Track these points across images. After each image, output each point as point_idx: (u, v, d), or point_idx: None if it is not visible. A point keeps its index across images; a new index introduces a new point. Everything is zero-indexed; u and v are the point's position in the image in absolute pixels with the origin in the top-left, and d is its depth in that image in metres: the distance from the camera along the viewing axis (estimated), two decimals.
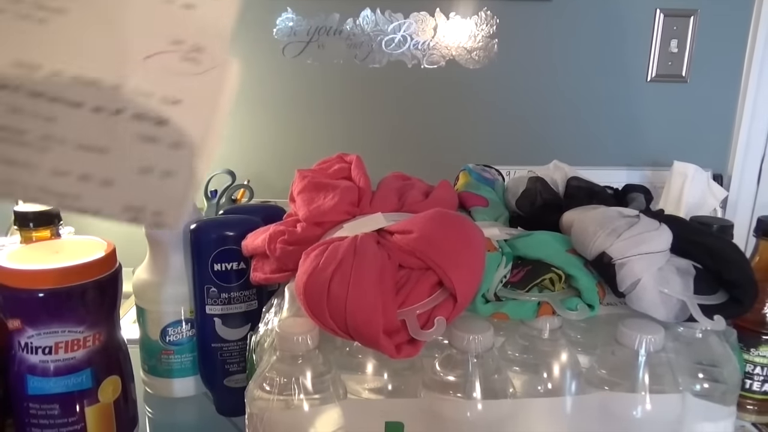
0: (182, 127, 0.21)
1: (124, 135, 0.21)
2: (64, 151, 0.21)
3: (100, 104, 0.21)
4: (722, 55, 1.12)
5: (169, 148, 0.21)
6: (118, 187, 0.21)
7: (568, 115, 1.13)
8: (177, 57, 0.21)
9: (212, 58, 0.22)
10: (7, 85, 0.21)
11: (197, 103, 0.21)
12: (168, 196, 0.21)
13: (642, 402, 0.38)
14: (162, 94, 0.21)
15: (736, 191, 1.14)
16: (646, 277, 0.38)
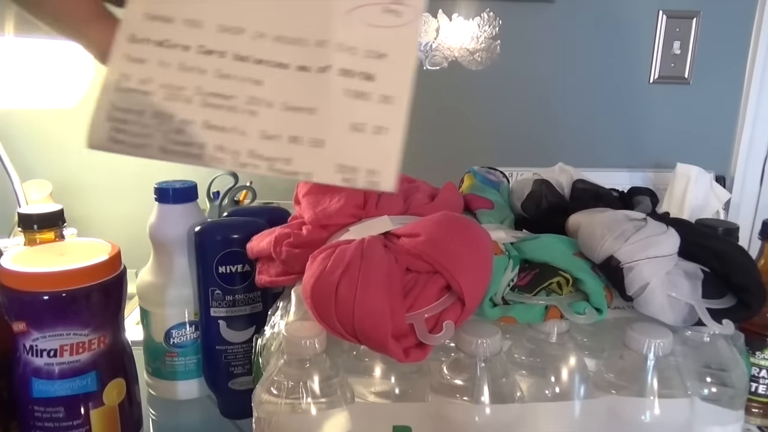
0: (390, 80, 0.20)
1: (333, 92, 0.20)
2: (273, 114, 0.20)
3: (305, 63, 0.21)
4: (725, 56, 1.12)
5: (379, 103, 0.20)
6: (330, 147, 0.20)
7: (571, 116, 1.13)
8: (379, 9, 0.21)
9: (411, 9, 0.21)
10: (214, 51, 0.21)
11: (401, 56, 0.21)
12: (382, 154, 0.20)
13: (650, 406, 0.38)
14: (367, 48, 0.21)
15: (739, 193, 1.14)
16: (654, 281, 0.38)
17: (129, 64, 0.21)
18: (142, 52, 0.21)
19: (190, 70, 0.21)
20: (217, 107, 0.20)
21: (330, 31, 0.21)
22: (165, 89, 0.21)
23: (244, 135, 0.20)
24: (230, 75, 0.21)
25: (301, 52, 0.21)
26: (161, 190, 0.59)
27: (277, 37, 0.21)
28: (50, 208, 0.56)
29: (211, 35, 0.21)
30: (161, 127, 0.21)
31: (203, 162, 0.20)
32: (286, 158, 0.20)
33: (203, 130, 0.20)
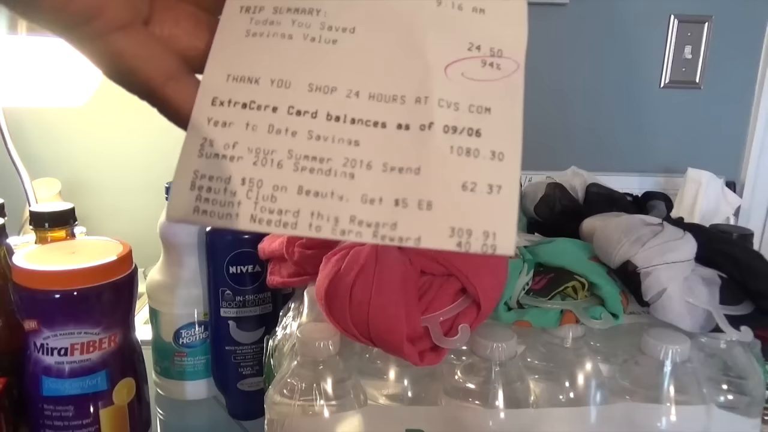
0: (498, 135, 0.19)
1: (438, 150, 0.19)
2: (373, 176, 0.19)
3: (405, 121, 0.19)
4: (736, 61, 1.11)
5: (490, 160, 0.19)
6: (439, 209, 0.18)
7: (581, 120, 1.12)
8: (478, 63, 0.20)
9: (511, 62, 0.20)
10: (305, 111, 0.19)
11: (506, 109, 0.19)
12: (497, 214, 0.18)
13: (667, 413, 0.37)
14: (470, 102, 0.19)
15: (749, 199, 1.13)
16: (672, 287, 0.38)
17: (212, 128, 0.20)
18: (226, 114, 0.20)
19: (279, 133, 0.19)
20: (311, 171, 0.19)
21: (429, 87, 0.19)
22: (254, 154, 0.19)
23: (342, 200, 0.19)
24: (324, 136, 0.19)
25: (399, 109, 0.19)
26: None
27: (372, 95, 0.19)
28: (61, 206, 0.56)
29: (301, 95, 0.19)
30: (251, 195, 0.19)
31: (299, 231, 0.19)
32: (391, 223, 0.18)
33: (298, 196, 0.19)
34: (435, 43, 0.20)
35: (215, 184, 0.19)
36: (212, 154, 0.19)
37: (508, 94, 0.20)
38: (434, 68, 0.20)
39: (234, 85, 0.20)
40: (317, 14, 0.20)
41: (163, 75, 0.21)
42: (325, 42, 0.20)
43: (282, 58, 0.20)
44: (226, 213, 0.19)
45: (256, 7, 0.21)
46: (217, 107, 0.20)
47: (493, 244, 0.18)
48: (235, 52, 0.20)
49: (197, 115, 0.20)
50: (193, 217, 0.19)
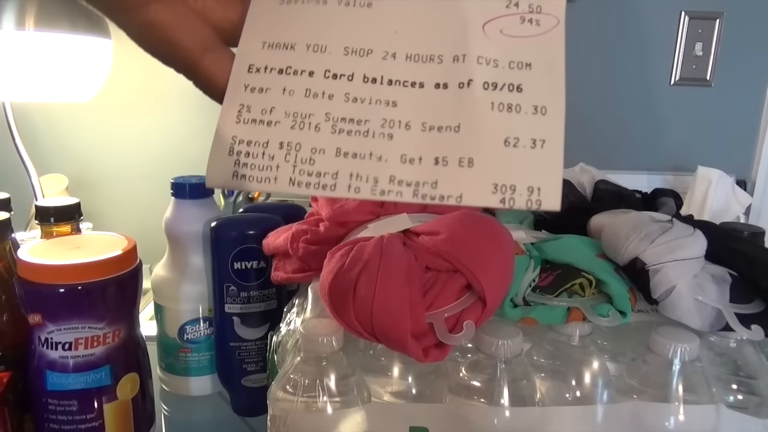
0: (541, 90, 0.19)
1: (478, 107, 0.19)
2: (412, 136, 0.19)
3: (443, 80, 0.19)
4: (748, 58, 1.10)
5: (533, 114, 0.18)
6: (481, 166, 0.18)
7: (590, 117, 1.12)
8: (516, 20, 0.19)
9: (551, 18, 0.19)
10: (341, 74, 0.19)
11: (548, 64, 0.19)
12: (542, 168, 0.18)
13: (675, 413, 0.37)
14: (509, 59, 0.19)
15: (760, 197, 1.12)
16: (681, 284, 0.37)
17: (249, 94, 0.20)
18: (262, 81, 0.20)
19: (316, 96, 0.19)
20: (349, 133, 0.19)
21: (467, 45, 0.19)
22: (291, 118, 0.19)
23: (381, 160, 0.19)
24: (361, 98, 0.19)
25: (437, 69, 0.19)
26: (177, 186, 0.58)
27: (409, 56, 0.19)
28: (67, 201, 0.56)
29: (337, 59, 0.19)
30: (289, 158, 0.19)
31: (338, 192, 0.19)
32: (432, 182, 0.18)
33: (336, 158, 0.19)
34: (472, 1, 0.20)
35: (254, 149, 0.19)
36: (250, 119, 0.19)
37: (549, 49, 0.19)
38: (472, 26, 0.19)
39: (270, 51, 0.20)
40: None
41: (200, 47, 0.21)
42: (359, 5, 0.20)
43: (317, 23, 0.20)
44: (265, 177, 0.19)
45: None
46: (254, 74, 0.20)
47: (538, 200, 0.18)
48: (270, 20, 0.20)
49: (234, 82, 0.20)
50: (233, 182, 0.19)
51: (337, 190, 0.19)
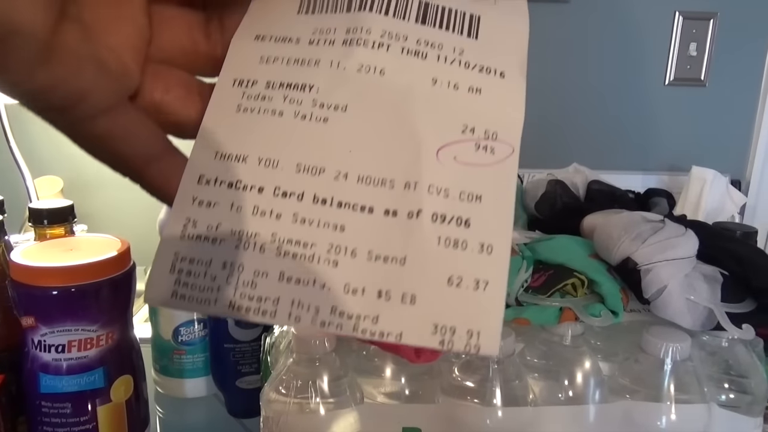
0: (488, 226, 0.18)
1: (425, 241, 0.18)
2: (357, 264, 0.18)
3: (393, 207, 0.18)
4: (742, 59, 1.10)
5: (478, 253, 0.18)
6: (423, 304, 0.17)
7: (584, 118, 1.12)
8: (471, 146, 0.19)
9: (506, 146, 0.19)
10: (291, 193, 0.19)
11: (498, 197, 0.18)
12: (482, 312, 0.17)
13: (667, 412, 0.37)
14: (461, 189, 0.18)
15: (755, 197, 1.13)
16: (672, 284, 0.37)
17: (197, 208, 0.19)
18: (211, 194, 0.19)
19: (264, 215, 0.18)
20: (294, 256, 0.18)
21: (419, 172, 0.18)
22: (236, 236, 0.18)
23: (324, 288, 0.18)
24: (309, 219, 0.18)
25: (388, 194, 0.18)
26: None
27: (361, 178, 0.18)
28: (60, 203, 0.55)
29: (288, 175, 0.19)
30: (231, 280, 0.18)
31: (278, 320, 0.18)
32: (373, 316, 0.17)
33: (279, 283, 0.18)
34: (428, 125, 0.19)
35: (195, 268, 0.18)
36: (195, 235, 0.19)
37: (501, 180, 0.19)
38: (426, 151, 0.19)
39: (222, 163, 0.19)
40: (310, 90, 0.19)
41: (144, 156, 0.20)
42: (316, 120, 0.19)
43: (271, 136, 0.19)
44: (205, 298, 0.18)
45: (250, 80, 0.20)
46: (203, 186, 0.19)
47: (477, 344, 0.17)
48: (225, 129, 0.19)
49: (182, 193, 0.19)
50: (171, 301, 0.18)
51: (278, 317, 0.18)
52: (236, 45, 0.21)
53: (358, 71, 0.19)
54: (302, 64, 0.20)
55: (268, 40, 0.20)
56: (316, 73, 0.20)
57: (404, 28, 0.20)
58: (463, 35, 0.20)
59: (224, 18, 0.22)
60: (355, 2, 0.20)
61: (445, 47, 0.20)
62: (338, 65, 0.19)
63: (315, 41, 0.20)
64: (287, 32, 0.20)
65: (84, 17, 0.18)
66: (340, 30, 0.20)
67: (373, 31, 0.20)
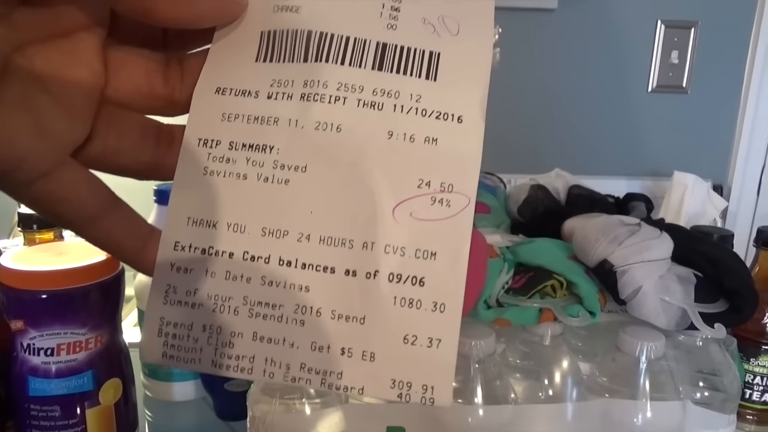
0: (441, 285, 0.19)
1: (382, 301, 0.19)
2: (322, 324, 0.19)
3: (353, 267, 0.19)
4: (723, 66, 1.13)
5: (431, 312, 0.19)
6: (382, 361, 0.19)
7: (569, 124, 1.14)
8: (427, 200, 0.19)
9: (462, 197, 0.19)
10: (259, 257, 0.19)
11: (451, 253, 0.19)
12: (436, 368, 0.18)
13: (643, 409, 0.38)
14: (416, 247, 0.19)
15: (736, 202, 1.15)
16: (647, 285, 0.39)
17: (175, 274, 0.20)
18: (187, 260, 0.20)
19: (236, 279, 0.20)
20: (264, 317, 0.19)
21: (376, 232, 0.19)
22: (213, 300, 0.20)
23: (293, 347, 0.19)
24: (276, 282, 0.19)
25: (348, 254, 0.19)
26: (161, 192, 0.59)
27: (323, 239, 0.19)
28: None
29: (255, 240, 0.19)
30: (211, 341, 0.19)
31: (255, 376, 0.19)
32: (338, 372, 0.19)
33: (253, 342, 0.19)
34: (384, 182, 0.19)
35: (179, 331, 0.20)
36: (176, 301, 0.20)
37: (456, 236, 0.19)
38: (382, 209, 0.19)
39: (194, 229, 0.20)
40: (270, 151, 0.20)
41: (84, 216, 0.20)
42: (277, 182, 0.20)
43: (237, 200, 0.20)
44: (190, 358, 0.20)
45: (214, 140, 0.20)
46: (179, 252, 0.20)
47: (431, 397, 0.19)
48: (195, 194, 0.20)
49: (162, 259, 0.20)
50: (163, 361, 0.20)
51: (254, 373, 0.19)
52: (198, 99, 0.21)
53: (315, 129, 0.20)
54: (262, 122, 0.20)
55: (228, 94, 0.21)
56: (276, 133, 0.20)
57: (361, 78, 0.20)
58: (421, 78, 0.20)
59: (184, 61, 0.21)
60: (312, 52, 0.20)
61: (402, 95, 0.20)
62: (296, 123, 0.20)
63: (273, 95, 0.20)
64: (246, 84, 0.21)
65: (35, 66, 0.18)
66: (298, 82, 0.20)
67: (329, 84, 0.20)
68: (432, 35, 0.21)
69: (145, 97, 0.21)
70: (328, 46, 0.20)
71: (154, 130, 0.21)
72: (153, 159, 0.21)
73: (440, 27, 0.21)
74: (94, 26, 0.19)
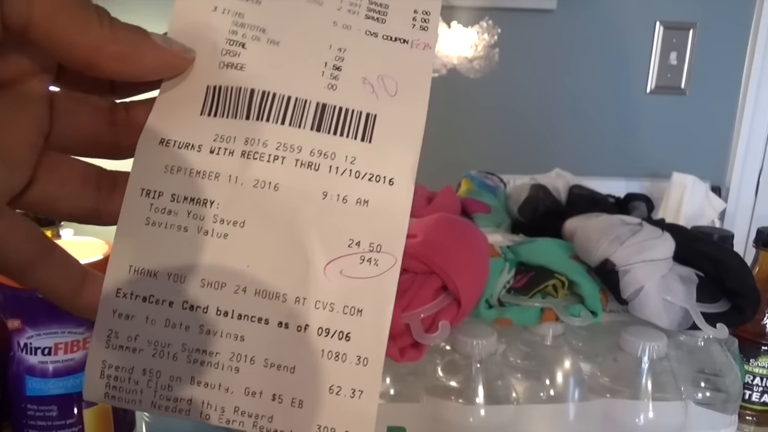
0: (365, 340, 0.20)
1: (311, 353, 0.20)
2: (255, 370, 0.20)
3: (285, 319, 0.20)
4: (721, 67, 1.13)
5: (355, 365, 0.20)
6: (309, 408, 0.20)
7: (568, 125, 1.14)
8: (357, 260, 0.20)
9: (390, 257, 0.20)
10: (198, 306, 0.21)
11: (376, 311, 0.20)
12: (358, 417, 0.20)
13: (644, 409, 0.38)
14: (344, 303, 0.20)
15: (734, 203, 1.15)
16: (649, 285, 0.39)
17: (117, 320, 0.21)
18: (129, 307, 0.21)
19: (175, 327, 0.21)
20: (202, 363, 0.21)
21: (307, 288, 0.20)
22: (153, 346, 0.21)
23: (228, 391, 0.20)
24: (213, 330, 0.21)
25: (281, 307, 0.21)
26: None
27: (258, 291, 0.21)
28: None
29: (194, 290, 0.21)
30: (151, 384, 0.21)
31: (192, 417, 0.21)
32: (269, 416, 0.20)
33: (191, 386, 0.20)
34: (317, 240, 0.21)
35: (121, 374, 0.21)
36: (117, 345, 0.21)
37: (381, 292, 0.20)
38: (314, 266, 0.21)
39: (136, 277, 0.21)
40: (210, 205, 0.21)
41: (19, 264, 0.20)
42: (216, 236, 0.21)
43: (178, 251, 0.21)
44: (131, 399, 0.21)
45: (156, 192, 0.21)
46: (121, 299, 0.21)
47: None
48: (137, 242, 0.21)
49: (104, 305, 0.21)
50: (105, 400, 0.21)
51: (191, 415, 0.20)
52: (143, 150, 0.21)
53: (254, 187, 0.21)
54: (204, 177, 0.21)
55: (172, 146, 0.21)
56: (217, 188, 0.21)
57: (299, 138, 0.21)
58: (357, 139, 0.21)
59: (130, 108, 0.22)
60: (254, 111, 0.21)
61: (338, 156, 0.21)
62: (236, 180, 0.21)
63: (216, 150, 0.21)
64: (190, 137, 0.21)
65: None
66: (240, 139, 0.21)
67: (269, 143, 0.21)
68: (370, 95, 0.22)
69: (90, 143, 0.21)
70: (270, 106, 0.21)
71: (95, 176, 0.21)
72: (93, 205, 0.21)
73: (379, 87, 0.22)
74: (40, 73, 0.19)
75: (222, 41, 0.22)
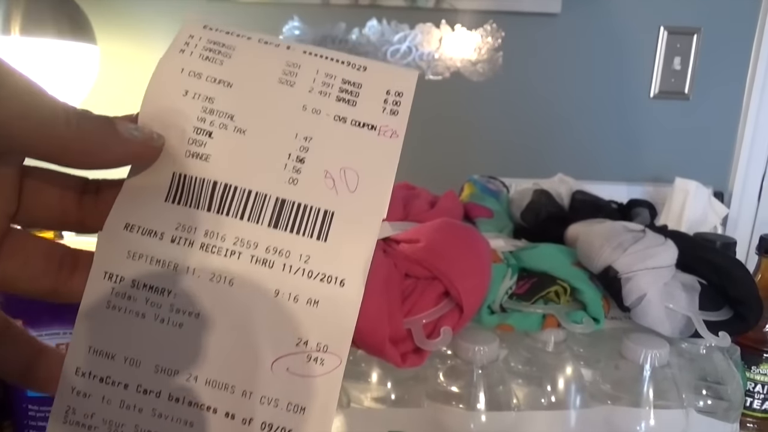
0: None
1: None
2: None
3: (232, 411, 0.21)
4: (725, 73, 1.13)
5: None
6: None
7: (571, 129, 1.14)
8: (303, 358, 0.21)
9: (335, 357, 0.21)
10: (150, 390, 0.21)
11: (319, 411, 0.21)
12: None
13: (646, 417, 0.38)
14: (288, 400, 0.21)
15: (737, 209, 1.15)
16: (651, 292, 0.38)
17: (75, 397, 0.22)
18: (86, 386, 0.22)
19: (129, 408, 0.21)
20: None
21: (254, 382, 0.21)
22: (107, 426, 0.22)
23: None
24: (165, 415, 0.21)
25: (228, 398, 0.21)
26: None
27: (209, 381, 0.21)
28: None
29: (148, 375, 0.21)
30: None
31: None
32: None
33: None
34: (267, 337, 0.21)
35: None
36: (74, 421, 0.22)
37: (326, 391, 0.21)
38: (262, 362, 0.21)
39: (94, 358, 0.22)
40: (168, 295, 0.21)
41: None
42: (172, 325, 0.21)
43: (135, 337, 0.22)
44: None
45: (118, 276, 0.22)
46: (80, 377, 0.22)
47: None
48: (97, 324, 0.22)
49: (64, 381, 0.22)
50: None
51: None
52: (107, 233, 0.22)
53: (210, 280, 0.21)
54: (163, 266, 0.22)
55: (136, 232, 0.22)
56: (175, 278, 0.22)
57: (257, 234, 0.22)
58: (312, 238, 0.22)
59: (100, 190, 0.22)
60: (215, 204, 0.22)
61: (293, 254, 0.22)
62: (194, 272, 0.21)
63: (177, 239, 0.22)
64: (153, 224, 0.22)
65: None
66: (200, 231, 0.22)
67: (227, 238, 0.21)
68: (330, 191, 0.22)
69: (56, 221, 0.22)
70: (231, 200, 0.22)
71: (58, 255, 0.22)
72: (52, 286, 0.22)
73: (340, 182, 0.22)
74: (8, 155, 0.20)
75: (190, 129, 0.22)
